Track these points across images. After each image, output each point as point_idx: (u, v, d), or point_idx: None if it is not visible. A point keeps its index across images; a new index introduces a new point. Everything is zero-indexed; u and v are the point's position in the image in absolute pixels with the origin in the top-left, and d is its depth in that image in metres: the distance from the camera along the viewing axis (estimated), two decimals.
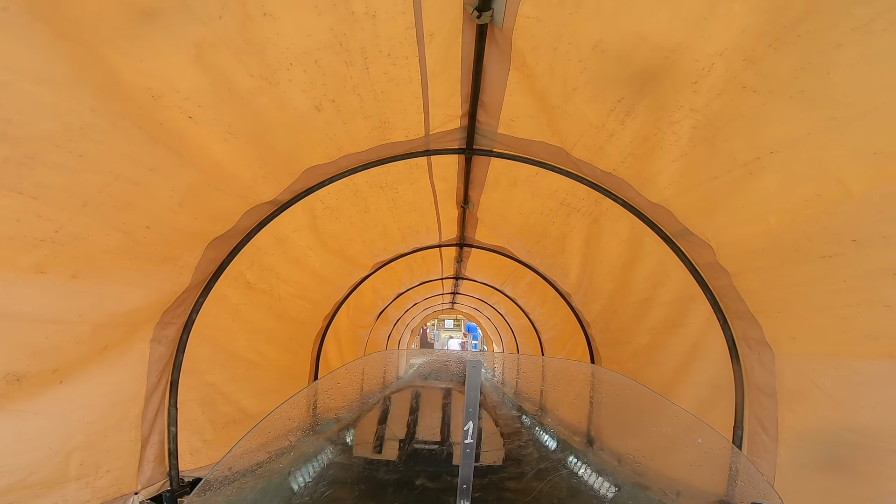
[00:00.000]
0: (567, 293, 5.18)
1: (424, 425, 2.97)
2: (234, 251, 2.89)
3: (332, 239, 3.76)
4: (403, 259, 5.65)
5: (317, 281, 4.12)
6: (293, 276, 3.69)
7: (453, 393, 3.40)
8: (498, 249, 5.54)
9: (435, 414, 3.09)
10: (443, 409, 3.17)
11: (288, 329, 4.13)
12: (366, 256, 4.66)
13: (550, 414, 3.25)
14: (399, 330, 10.99)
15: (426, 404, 3.29)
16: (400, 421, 3.00)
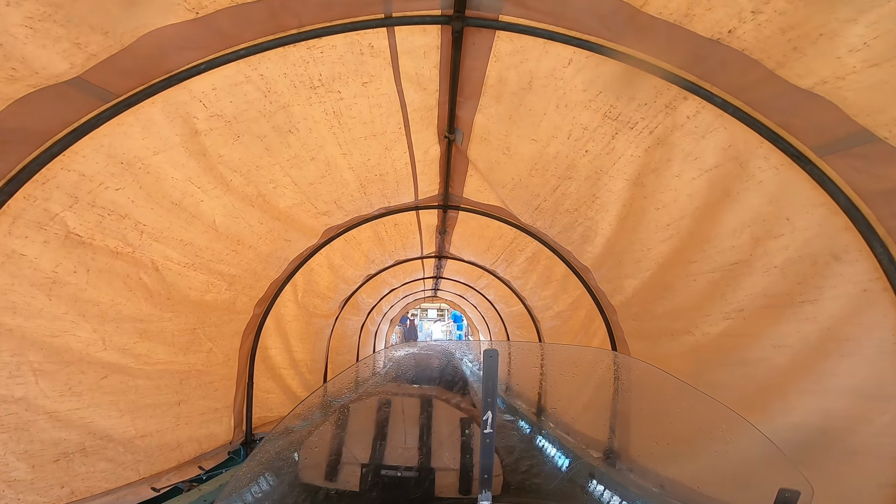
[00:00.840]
0: (583, 268, 3.95)
1: (395, 445, 2.41)
2: (19, 176, 1.54)
3: (235, 173, 2.41)
4: (368, 225, 4.32)
5: (225, 244, 2.76)
6: (173, 231, 2.34)
7: (434, 403, 2.82)
8: (492, 212, 4.26)
9: (410, 430, 2.55)
10: (420, 423, 2.61)
11: (184, 317, 2.78)
12: (309, 214, 3.32)
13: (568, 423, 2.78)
14: (374, 320, 9.67)
15: (398, 417, 2.68)
16: (362, 438, 2.42)
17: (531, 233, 4.27)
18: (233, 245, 2.81)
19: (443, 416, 2.73)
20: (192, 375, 3.04)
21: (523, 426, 2.98)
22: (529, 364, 2.84)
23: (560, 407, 2.99)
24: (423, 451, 2.42)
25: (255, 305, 3.64)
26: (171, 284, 2.55)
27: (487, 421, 1.43)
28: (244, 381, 3.80)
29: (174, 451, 2.99)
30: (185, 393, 2.99)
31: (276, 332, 4.17)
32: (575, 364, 2.74)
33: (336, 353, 6.65)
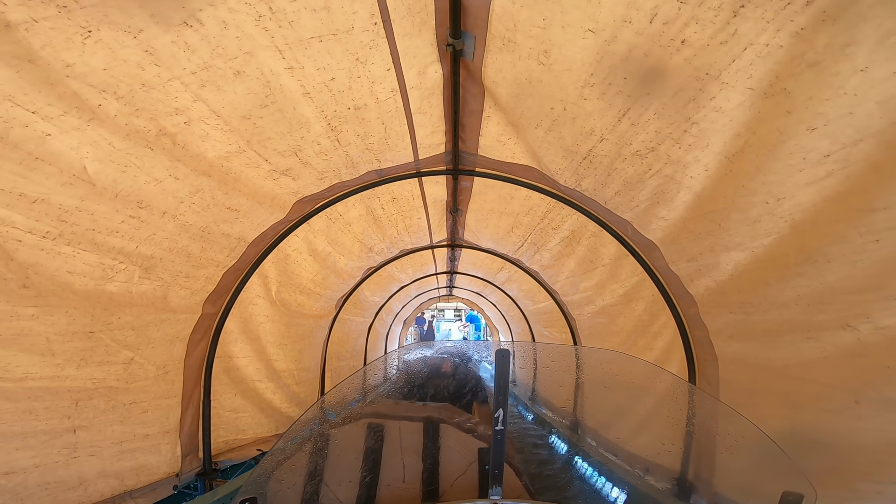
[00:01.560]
0: (647, 244, 2.93)
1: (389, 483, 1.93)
2: None
3: (104, 93, 1.51)
4: (358, 199, 3.37)
5: (113, 206, 1.85)
6: (2, 181, 1.43)
7: (442, 430, 2.32)
8: (517, 175, 3.26)
9: (411, 462, 2.06)
10: (424, 456, 2.11)
11: (66, 314, 1.87)
12: (261, 173, 2.40)
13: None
14: (384, 321, 8.74)
15: (394, 448, 2.16)
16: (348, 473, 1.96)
17: (571, 201, 3.25)
18: (130, 208, 1.88)
19: (454, 448, 2.26)
20: (96, 395, 2.15)
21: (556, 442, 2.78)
22: (561, 370, 2.61)
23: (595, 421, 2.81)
24: (427, 492, 1.98)
25: (203, 302, 2.72)
26: (29, 265, 1.64)
27: (499, 418, 1.46)
28: (196, 398, 2.89)
29: (73, 490, 2.11)
30: (84, 417, 2.11)
31: (244, 337, 3.25)
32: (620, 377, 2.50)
33: (337, 359, 5.74)
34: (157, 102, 1.68)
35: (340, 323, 5.50)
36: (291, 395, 4.03)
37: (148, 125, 1.74)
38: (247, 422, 3.45)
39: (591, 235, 3.47)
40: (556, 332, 5.77)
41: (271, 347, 3.57)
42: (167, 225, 2.10)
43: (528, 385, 4.05)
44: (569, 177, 2.94)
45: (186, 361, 2.73)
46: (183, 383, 2.73)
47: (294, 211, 2.98)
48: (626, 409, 2.90)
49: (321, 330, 4.69)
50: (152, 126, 1.76)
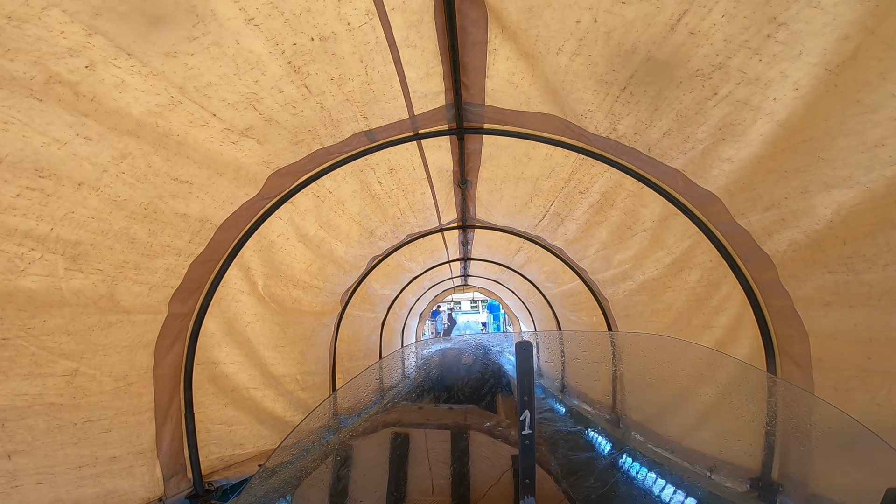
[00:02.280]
0: (703, 198, 2.40)
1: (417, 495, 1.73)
2: None
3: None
4: (348, 170, 2.88)
5: (3, 178, 1.37)
6: None
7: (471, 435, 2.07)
8: (535, 129, 2.73)
9: (439, 473, 1.84)
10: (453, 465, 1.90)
11: None
12: (213, 133, 1.93)
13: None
14: (398, 316, 8.29)
15: (418, 455, 1.93)
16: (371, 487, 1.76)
17: (603, 155, 2.71)
18: (25, 177, 1.43)
19: (484, 456, 2.01)
20: (31, 413, 1.71)
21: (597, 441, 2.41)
22: (597, 361, 2.38)
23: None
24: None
25: (168, 300, 2.26)
26: None
27: (525, 421, 1.29)
28: (175, 412, 2.45)
29: None
30: (18, 440, 1.68)
31: (230, 340, 2.79)
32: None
33: (349, 359, 5.29)
34: (37, 41, 1.23)
35: (349, 320, 5.05)
36: (297, 402, 3.58)
37: (29, 70, 1.28)
38: (243, 435, 3.01)
39: (627, 196, 2.92)
40: (584, 315, 5.22)
41: (265, 350, 3.12)
42: (88, 200, 1.63)
43: (558, 378, 3.63)
44: (601, 120, 2.40)
45: (156, 371, 2.28)
46: (154, 396, 2.28)
47: (270, 186, 2.50)
48: (681, 405, 2.38)
49: (325, 328, 4.23)
50: (37, 72, 1.30)
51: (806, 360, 2.22)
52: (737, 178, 2.14)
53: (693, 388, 2.20)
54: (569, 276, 4.89)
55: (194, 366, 2.52)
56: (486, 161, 3.25)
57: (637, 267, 3.37)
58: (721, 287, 2.68)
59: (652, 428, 2.60)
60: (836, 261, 1.89)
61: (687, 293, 2.97)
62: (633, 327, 3.85)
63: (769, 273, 2.30)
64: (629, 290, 3.69)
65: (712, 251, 2.63)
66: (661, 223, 2.87)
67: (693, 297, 2.92)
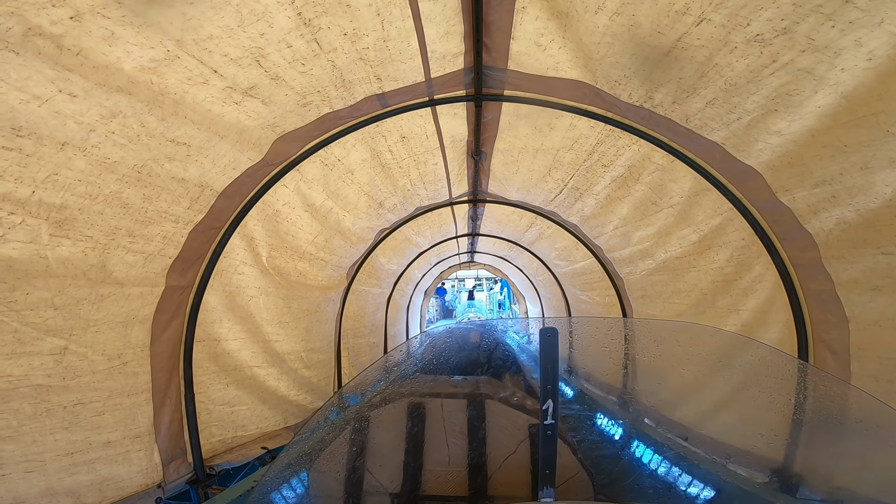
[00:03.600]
0: (742, 173, 2.22)
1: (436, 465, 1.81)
2: None
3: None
4: (358, 137, 2.70)
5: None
6: None
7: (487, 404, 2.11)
8: (559, 96, 2.53)
9: (455, 443, 1.90)
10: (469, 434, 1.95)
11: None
12: (214, 93, 1.77)
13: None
14: (404, 291, 8.18)
15: (435, 425, 1.97)
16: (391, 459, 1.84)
17: (633, 126, 2.52)
18: (1, 137, 1.26)
19: (501, 426, 2.05)
20: (16, 396, 1.60)
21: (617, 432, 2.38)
22: (614, 348, 2.12)
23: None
24: (476, 474, 1.80)
25: (166, 271, 2.11)
26: None
27: (548, 411, 1.29)
28: (174, 393, 2.34)
29: None
30: (6, 427, 1.58)
31: (232, 315, 2.66)
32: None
33: (354, 336, 5.20)
34: None
35: (354, 295, 4.93)
36: (301, 381, 3.49)
37: (5, 22, 1.10)
38: (247, 416, 2.92)
39: (656, 170, 2.73)
40: (596, 295, 5.09)
41: (269, 326, 2.99)
42: (74, 161, 1.47)
43: (575, 367, 3.58)
44: (636, 88, 2.19)
45: (153, 349, 2.16)
46: (152, 375, 2.17)
47: (276, 152, 2.32)
48: (706, 392, 2.25)
49: (331, 303, 4.11)
50: (14, 23, 1.12)
51: (844, 348, 2.08)
52: (784, 152, 1.96)
53: (720, 374, 2.08)
54: (582, 253, 4.73)
55: (194, 343, 2.40)
56: (504, 131, 3.04)
57: (659, 245, 3.20)
58: (752, 267, 2.52)
59: (669, 414, 2.52)
60: (892, 241, 1.72)
61: (713, 273, 2.81)
62: (651, 308, 3.71)
63: (809, 253, 2.13)
64: (648, 269, 3.53)
65: (745, 229, 2.46)
66: (690, 199, 2.69)
67: (720, 277, 2.76)
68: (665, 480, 2.05)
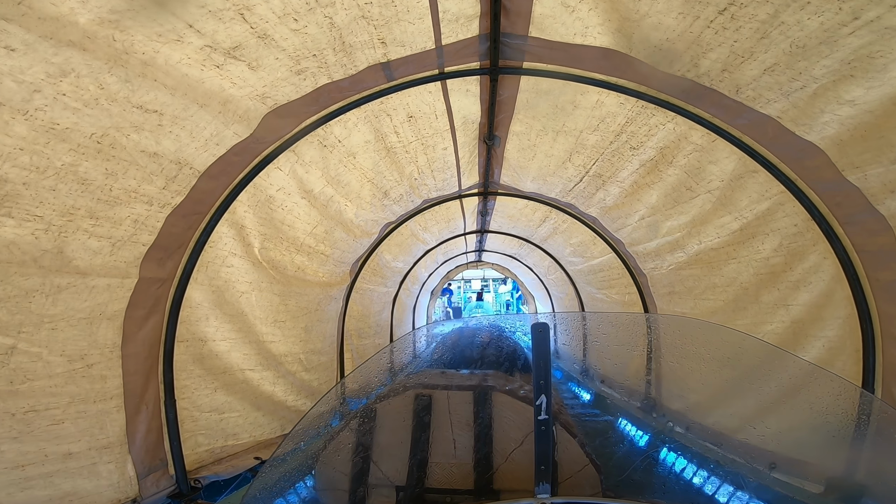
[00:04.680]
0: (798, 150, 1.92)
1: (441, 458, 1.79)
2: None
3: None
4: (360, 115, 2.43)
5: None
6: None
7: (493, 396, 2.04)
8: (586, 69, 2.24)
9: (462, 436, 1.86)
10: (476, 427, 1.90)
11: None
12: (194, 59, 1.47)
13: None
14: (410, 291, 7.91)
15: (441, 418, 1.92)
16: (396, 452, 1.81)
17: (669, 101, 2.23)
18: None
19: (508, 418, 1.93)
20: None
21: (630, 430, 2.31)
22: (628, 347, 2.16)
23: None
24: (481, 467, 1.75)
25: (140, 260, 1.85)
26: None
27: (541, 406, 1.27)
28: (152, 399, 2.08)
29: None
30: None
31: (220, 313, 2.40)
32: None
33: (359, 337, 4.93)
34: None
35: (359, 293, 4.66)
36: (300, 385, 3.22)
37: None
38: (238, 423, 2.65)
39: (693, 150, 2.44)
40: (615, 293, 4.78)
41: (263, 325, 2.73)
42: (13, 126, 1.21)
43: (584, 364, 3.41)
44: (679, 54, 1.91)
45: (126, 349, 1.89)
46: (124, 379, 1.90)
47: (267, 128, 2.05)
48: (727, 399, 2.04)
49: (333, 301, 3.84)
50: None
51: None
52: (856, 124, 1.68)
53: (745, 381, 1.88)
54: (600, 248, 4.44)
55: (176, 343, 2.13)
56: (521, 111, 2.76)
57: (692, 235, 2.90)
58: (806, 257, 2.22)
59: (685, 415, 2.33)
60: None
61: (757, 265, 2.51)
62: (680, 306, 3.41)
63: (881, 238, 1.84)
64: (678, 262, 3.23)
65: (799, 214, 2.17)
66: (732, 182, 2.39)
67: (766, 269, 2.46)
68: (675, 479, 1.96)
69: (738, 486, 1.80)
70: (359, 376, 1.94)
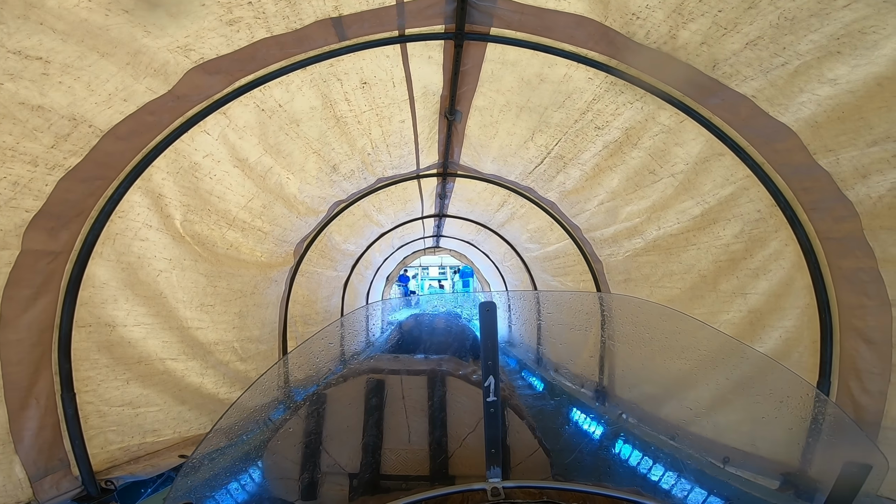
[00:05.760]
0: (770, 132, 1.86)
1: (394, 443, 1.77)
2: None
3: None
4: (305, 77, 2.15)
5: None
6: None
7: (448, 381, 1.98)
8: (557, 45, 2.07)
9: (416, 421, 1.84)
10: (430, 412, 1.87)
11: None
12: (137, 21, 1.16)
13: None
14: (362, 276, 7.60)
15: (395, 403, 1.90)
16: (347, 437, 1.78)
17: (639, 79, 2.11)
18: None
19: (461, 403, 1.89)
20: None
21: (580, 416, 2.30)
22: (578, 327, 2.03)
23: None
24: (434, 453, 1.73)
25: (23, 229, 1.51)
26: None
27: (490, 387, 1.23)
28: (45, 392, 1.74)
29: None
30: None
31: (131, 294, 2.06)
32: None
33: (304, 324, 4.62)
34: None
35: (304, 276, 4.34)
36: (235, 376, 2.91)
37: None
38: (158, 418, 2.33)
39: (660, 132, 2.35)
40: (570, 280, 4.75)
41: (187, 309, 2.40)
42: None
43: (532, 346, 3.38)
44: (659, 23, 1.79)
45: (5, 335, 1.56)
46: (2, 370, 1.56)
47: (191, 84, 1.74)
48: (673, 383, 2.05)
49: (274, 284, 3.52)
50: None
51: (884, 336, 1.77)
52: (835, 105, 1.62)
53: (696, 368, 1.86)
54: (557, 235, 4.37)
55: (75, 329, 1.79)
56: (485, 83, 2.57)
57: (652, 220, 2.85)
58: (767, 244, 2.20)
59: (632, 399, 2.43)
60: None
61: (717, 251, 2.48)
62: (635, 293, 3.38)
63: (846, 225, 1.81)
64: (635, 249, 3.19)
65: (763, 199, 2.13)
66: (697, 166, 2.33)
67: (725, 255, 2.43)
68: (624, 462, 2.00)
69: (687, 474, 1.79)
70: (302, 355, 1.84)
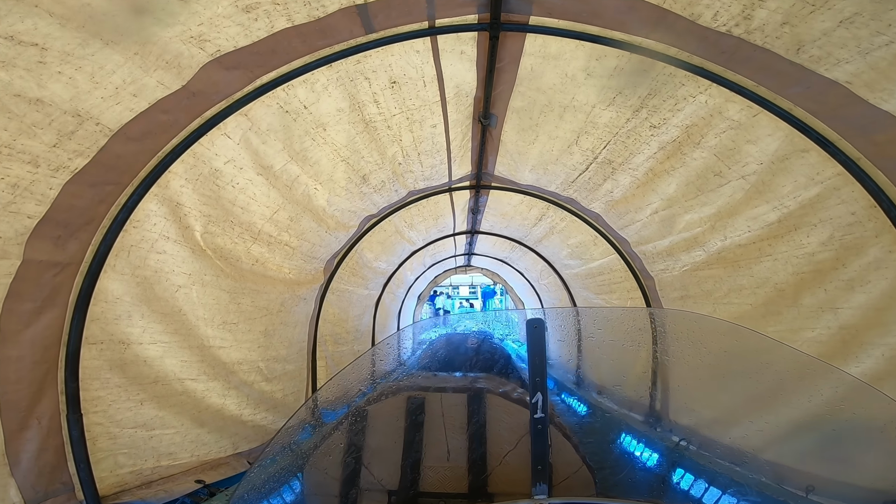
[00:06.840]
0: (866, 122, 1.54)
1: (434, 462, 1.79)
2: None
3: None
4: (331, 75, 2.00)
5: None
6: None
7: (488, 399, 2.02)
8: (607, 35, 1.85)
9: (455, 439, 1.87)
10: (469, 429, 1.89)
11: None
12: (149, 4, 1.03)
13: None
14: (394, 294, 7.43)
15: (434, 421, 1.91)
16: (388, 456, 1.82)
17: (703, 69, 1.85)
18: None
19: (502, 420, 1.91)
20: None
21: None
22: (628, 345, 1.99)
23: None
24: (474, 470, 1.75)
25: (26, 238, 1.39)
26: None
27: (537, 404, 1.24)
28: (49, 412, 1.61)
29: None
30: None
31: (147, 310, 1.93)
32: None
33: (335, 343, 4.46)
34: None
35: (335, 295, 4.19)
36: (260, 397, 2.75)
37: None
38: (175, 441, 2.17)
39: (728, 128, 2.06)
40: (616, 298, 4.40)
41: (209, 327, 2.26)
42: None
43: (572, 366, 3.15)
44: (727, 4, 1.53)
45: (4, 351, 1.42)
46: (9, 389, 1.43)
47: (207, 80, 1.62)
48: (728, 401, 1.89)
49: (302, 303, 3.37)
50: None
51: None
52: None
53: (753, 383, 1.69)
54: (601, 249, 4.05)
55: (84, 346, 1.66)
56: (524, 81, 2.36)
57: (716, 230, 2.53)
58: (865, 251, 1.85)
59: (680, 419, 2.29)
60: None
61: (799, 262, 2.13)
62: (701, 311, 3.02)
63: None
64: (695, 262, 2.85)
65: (859, 200, 1.80)
66: (774, 165, 2.01)
67: (810, 266, 2.08)
68: (668, 478, 1.91)
69: (756, 498, 1.65)
70: (339, 382, 1.81)
